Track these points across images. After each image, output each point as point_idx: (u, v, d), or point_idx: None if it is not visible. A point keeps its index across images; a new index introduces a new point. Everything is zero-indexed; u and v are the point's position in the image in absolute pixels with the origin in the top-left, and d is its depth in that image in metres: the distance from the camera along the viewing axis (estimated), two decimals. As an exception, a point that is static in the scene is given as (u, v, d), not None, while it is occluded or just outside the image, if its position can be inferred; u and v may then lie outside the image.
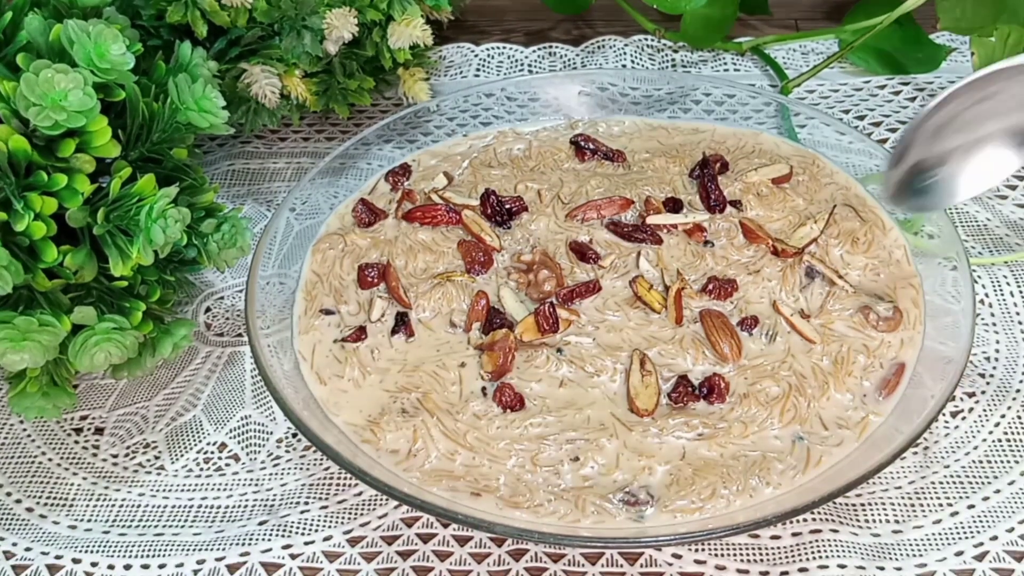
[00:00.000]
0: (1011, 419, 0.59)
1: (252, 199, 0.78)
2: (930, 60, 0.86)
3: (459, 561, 0.54)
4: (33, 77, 0.49)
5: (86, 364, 0.53)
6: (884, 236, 0.64)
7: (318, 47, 0.72)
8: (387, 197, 0.70)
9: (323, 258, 0.65)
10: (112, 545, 0.56)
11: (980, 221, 0.71)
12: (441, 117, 0.77)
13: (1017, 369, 0.61)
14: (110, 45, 0.52)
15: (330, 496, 0.57)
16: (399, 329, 0.60)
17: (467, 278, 0.63)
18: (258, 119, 0.76)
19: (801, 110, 0.74)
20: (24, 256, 0.51)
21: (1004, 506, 0.54)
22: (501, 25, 0.97)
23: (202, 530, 0.56)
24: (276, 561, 0.54)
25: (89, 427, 0.62)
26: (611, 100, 0.77)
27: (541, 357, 0.57)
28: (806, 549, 0.53)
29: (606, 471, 0.52)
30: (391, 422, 0.54)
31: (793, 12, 0.97)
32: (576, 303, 0.61)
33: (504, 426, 0.54)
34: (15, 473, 0.60)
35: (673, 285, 0.60)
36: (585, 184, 0.69)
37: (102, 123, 0.52)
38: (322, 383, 0.58)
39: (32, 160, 0.51)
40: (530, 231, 0.66)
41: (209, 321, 0.68)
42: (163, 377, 0.65)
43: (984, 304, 0.65)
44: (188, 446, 0.61)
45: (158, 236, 0.53)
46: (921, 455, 0.57)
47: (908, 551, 0.53)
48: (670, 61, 0.90)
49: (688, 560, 0.53)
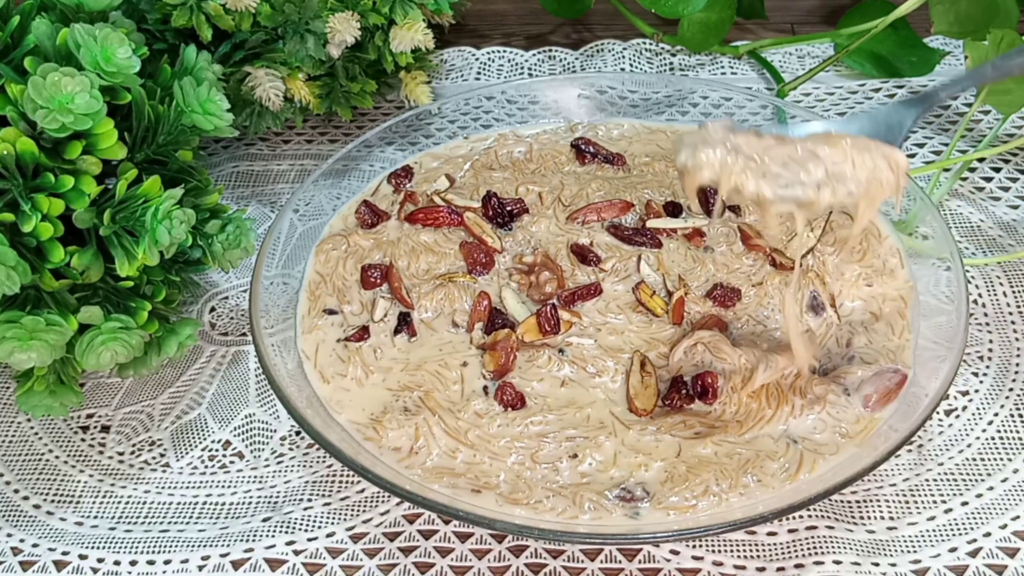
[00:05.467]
0: (1004, 417, 0.60)
1: (256, 200, 0.79)
2: (924, 63, 0.87)
3: (460, 557, 0.55)
4: (40, 80, 0.50)
5: (92, 363, 0.54)
6: (879, 244, 0.65)
7: (321, 51, 0.73)
8: (390, 199, 0.71)
9: (326, 259, 0.66)
10: (118, 541, 0.56)
11: (973, 222, 0.72)
12: (442, 120, 0.77)
13: (1010, 368, 0.62)
14: (116, 49, 0.53)
15: (333, 493, 0.58)
16: (401, 329, 0.61)
17: (469, 279, 0.63)
18: (262, 121, 0.77)
19: (797, 113, 0.74)
20: (31, 256, 0.51)
21: (998, 503, 0.55)
22: (501, 29, 0.98)
23: (207, 527, 0.57)
24: (280, 557, 0.55)
25: (95, 425, 0.63)
26: (610, 103, 0.78)
27: (543, 357, 0.58)
28: (802, 546, 0.54)
29: (603, 468, 0.53)
30: (393, 420, 0.55)
31: (789, 16, 0.97)
32: (578, 305, 0.61)
33: (505, 424, 0.55)
34: (22, 470, 0.61)
35: (676, 292, 0.61)
36: (586, 187, 0.69)
37: (108, 125, 0.52)
38: (325, 382, 0.58)
39: (39, 162, 0.51)
40: (531, 233, 0.67)
41: (214, 321, 0.69)
42: (168, 376, 0.65)
43: (977, 304, 0.66)
44: (193, 444, 0.61)
45: (163, 237, 0.53)
46: (916, 453, 0.58)
47: (903, 547, 0.53)
48: (668, 65, 0.91)
49: (686, 556, 0.54)
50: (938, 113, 0.83)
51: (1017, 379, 0.61)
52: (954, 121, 0.82)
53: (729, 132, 0.51)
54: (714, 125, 0.51)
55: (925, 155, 0.79)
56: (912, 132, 0.58)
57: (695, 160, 0.50)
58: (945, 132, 0.81)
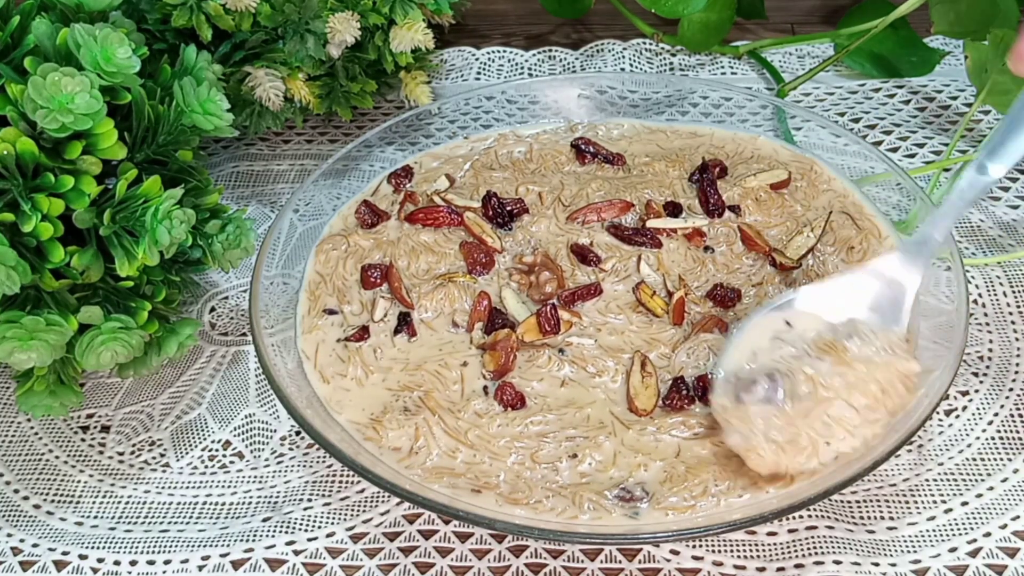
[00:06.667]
0: (1004, 417, 0.60)
1: (256, 200, 0.79)
2: (924, 64, 0.87)
3: (460, 557, 0.55)
4: (40, 80, 0.50)
5: (92, 363, 0.54)
6: (879, 244, 0.65)
7: (321, 51, 0.73)
8: (389, 199, 0.71)
9: (326, 259, 0.66)
10: (118, 541, 0.56)
11: (974, 222, 0.72)
12: (442, 120, 0.77)
13: (1010, 368, 0.62)
14: (116, 49, 0.53)
15: (333, 493, 0.58)
16: (401, 329, 0.61)
17: (469, 279, 0.63)
18: (262, 121, 0.77)
19: (797, 113, 0.74)
20: (31, 256, 0.51)
21: (998, 503, 0.55)
22: (501, 29, 0.98)
23: (207, 527, 0.57)
24: (280, 557, 0.55)
25: (96, 425, 0.63)
26: (610, 103, 0.78)
27: (543, 357, 0.58)
28: (802, 546, 0.54)
29: (603, 468, 0.53)
30: (393, 420, 0.55)
31: (789, 16, 0.97)
32: (578, 305, 0.61)
33: (505, 424, 0.55)
34: (22, 470, 0.61)
35: (677, 292, 0.61)
36: (586, 187, 0.69)
37: (108, 125, 0.52)
38: (325, 382, 0.58)
39: (39, 162, 0.51)
40: (531, 233, 0.67)
41: (214, 321, 0.69)
42: (168, 376, 0.65)
43: (977, 304, 0.66)
44: (193, 444, 0.61)
45: (163, 237, 0.53)
46: (916, 453, 0.58)
47: (903, 547, 0.54)
48: (668, 65, 0.91)
49: (686, 556, 0.54)
50: (938, 113, 0.83)
51: (1017, 379, 0.61)
52: (954, 121, 0.82)
53: (766, 404, 0.51)
54: (755, 408, 0.51)
55: (925, 155, 0.79)
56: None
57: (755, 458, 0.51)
58: (945, 132, 0.81)
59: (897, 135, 0.81)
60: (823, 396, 0.51)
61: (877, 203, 0.67)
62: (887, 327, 0.54)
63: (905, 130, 0.82)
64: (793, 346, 0.53)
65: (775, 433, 0.50)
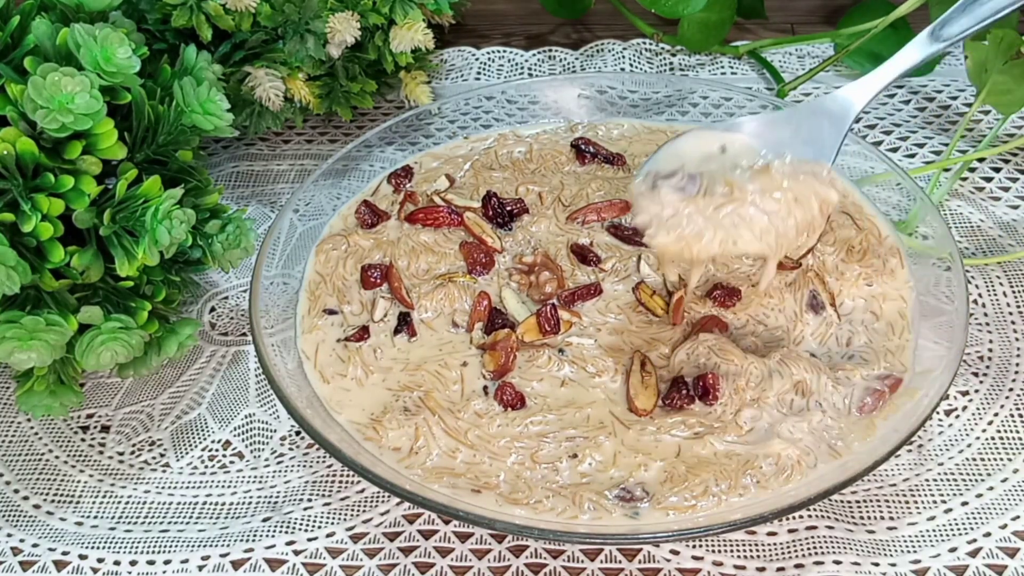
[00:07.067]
0: (1004, 417, 0.60)
1: (256, 200, 0.79)
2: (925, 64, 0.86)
3: (460, 557, 0.55)
4: (40, 80, 0.50)
5: (92, 363, 0.54)
6: (879, 244, 0.65)
7: (321, 51, 0.73)
8: (389, 199, 0.71)
9: (326, 259, 0.66)
10: (118, 541, 0.56)
11: (974, 222, 0.72)
12: (442, 120, 0.77)
13: (1010, 368, 0.62)
14: (116, 49, 0.53)
15: (333, 493, 0.58)
16: (401, 329, 0.61)
17: (469, 279, 0.63)
18: (262, 121, 0.77)
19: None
20: (31, 256, 0.51)
21: (997, 503, 0.55)
22: (501, 29, 0.98)
23: (207, 527, 0.57)
24: (280, 557, 0.55)
25: (95, 425, 0.63)
26: (610, 103, 0.78)
27: (543, 357, 0.58)
28: (802, 546, 0.54)
29: (603, 468, 0.53)
30: (393, 420, 0.55)
31: (789, 16, 0.97)
32: (578, 305, 0.61)
33: (505, 424, 0.55)
34: (22, 470, 0.61)
35: (676, 292, 0.61)
36: (586, 187, 0.69)
37: (108, 125, 0.52)
38: (325, 382, 0.58)
39: (39, 162, 0.51)
40: (531, 233, 0.67)
41: (214, 321, 0.69)
42: (168, 376, 0.65)
43: (977, 304, 0.66)
44: (193, 444, 0.61)
45: (163, 237, 0.53)
46: (916, 453, 0.58)
47: (903, 547, 0.53)
48: (668, 65, 0.91)
49: (686, 556, 0.54)
50: (938, 113, 0.83)
51: (1017, 379, 0.61)
52: (954, 121, 0.82)
53: (680, 193, 0.54)
54: (666, 191, 0.54)
55: (925, 155, 0.79)
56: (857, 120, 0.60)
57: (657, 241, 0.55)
58: (945, 132, 0.81)
59: (897, 135, 0.81)
60: (736, 197, 0.53)
61: (877, 203, 0.67)
62: (816, 159, 0.56)
63: (905, 130, 0.82)
64: (722, 166, 0.55)
65: (684, 221, 0.53)
